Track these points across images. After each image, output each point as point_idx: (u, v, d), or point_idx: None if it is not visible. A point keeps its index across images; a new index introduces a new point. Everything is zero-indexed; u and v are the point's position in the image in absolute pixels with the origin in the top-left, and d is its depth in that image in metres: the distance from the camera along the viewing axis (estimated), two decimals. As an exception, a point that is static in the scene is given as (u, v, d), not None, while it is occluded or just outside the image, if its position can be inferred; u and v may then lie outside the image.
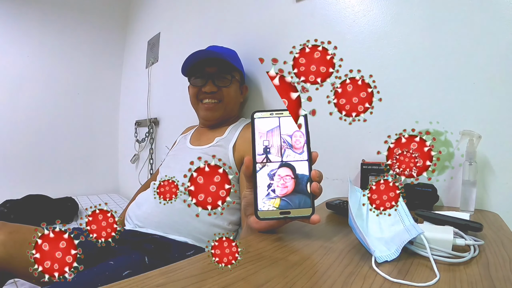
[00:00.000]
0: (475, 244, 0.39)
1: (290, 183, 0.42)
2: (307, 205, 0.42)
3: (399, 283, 0.30)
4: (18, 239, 0.70)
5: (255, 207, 0.42)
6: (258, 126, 0.44)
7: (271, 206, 0.42)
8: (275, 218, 0.42)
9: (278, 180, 0.42)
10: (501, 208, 0.65)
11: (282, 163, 0.42)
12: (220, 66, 0.97)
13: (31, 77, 1.94)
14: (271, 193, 0.42)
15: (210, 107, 0.97)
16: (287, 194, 0.42)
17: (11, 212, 1.31)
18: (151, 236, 0.78)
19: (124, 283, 0.29)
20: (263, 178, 0.42)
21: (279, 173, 0.42)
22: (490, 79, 0.67)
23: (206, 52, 0.98)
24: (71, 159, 2.10)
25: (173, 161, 0.98)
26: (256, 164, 0.43)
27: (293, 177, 0.42)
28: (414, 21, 0.79)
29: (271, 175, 0.42)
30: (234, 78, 0.99)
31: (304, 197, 0.42)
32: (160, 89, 1.84)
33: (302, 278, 0.32)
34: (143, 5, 2.15)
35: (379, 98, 0.33)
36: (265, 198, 0.42)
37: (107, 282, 0.29)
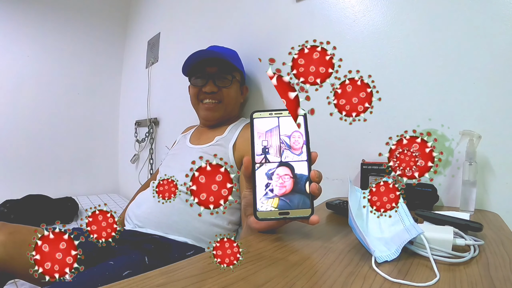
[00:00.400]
0: (475, 244, 0.39)
1: (288, 182, 0.42)
2: (306, 206, 0.41)
3: (399, 283, 0.30)
4: (18, 239, 0.70)
5: (254, 207, 0.42)
6: (257, 126, 0.43)
7: (269, 206, 0.41)
8: (274, 219, 0.42)
9: (277, 179, 0.42)
10: (501, 208, 0.65)
11: (281, 162, 0.42)
12: (220, 66, 0.96)
13: (31, 77, 1.94)
14: (269, 193, 0.41)
15: (211, 108, 0.97)
16: (285, 193, 0.41)
17: (11, 212, 1.31)
18: (151, 236, 0.78)
19: (124, 283, 0.29)
20: (261, 178, 0.42)
21: (277, 172, 0.42)
22: (490, 79, 0.67)
23: (207, 52, 0.98)
24: (71, 159, 2.10)
25: (173, 160, 0.98)
26: (255, 164, 0.42)
27: (292, 176, 0.42)
28: (414, 21, 0.79)
29: (270, 175, 0.42)
30: (234, 78, 0.99)
31: (303, 197, 0.41)
32: (160, 89, 1.84)
33: (302, 278, 0.32)
34: (143, 5, 2.15)
35: (378, 98, 0.33)
36: (263, 197, 0.41)
37: (107, 282, 0.29)
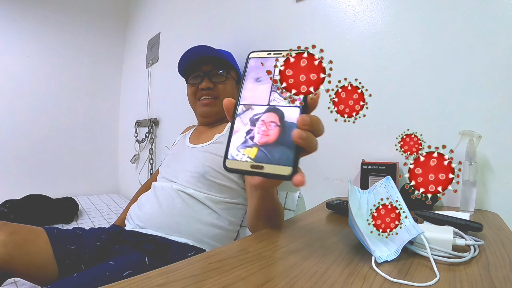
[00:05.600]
0: (475, 244, 0.39)
1: (273, 131, 0.33)
2: (288, 162, 0.32)
3: (399, 283, 0.30)
4: (19, 239, 0.70)
5: (225, 154, 0.34)
6: (254, 64, 0.38)
7: (245, 156, 0.33)
8: (243, 171, 0.33)
9: (260, 126, 0.34)
10: (501, 208, 0.65)
11: (269, 107, 0.35)
12: (215, 63, 0.99)
13: (31, 77, 1.94)
14: (249, 141, 0.34)
15: (207, 103, 0.99)
16: (266, 143, 0.33)
17: (11, 212, 1.31)
18: (152, 236, 0.78)
19: (124, 283, 0.29)
20: (244, 123, 0.35)
21: (263, 118, 0.34)
22: (490, 79, 0.67)
23: (200, 49, 0.98)
24: (71, 159, 2.10)
25: (173, 161, 0.98)
26: (238, 106, 0.36)
27: (279, 124, 0.34)
28: (414, 21, 0.79)
29: (254, 120, 0.35)
30: (229, 74, 1.01)
31: (288, 152, 0.32)
32: (160, 89, 1.84)
33: (302, 278, 0.32)
34: (143, 5, 2.16)
35: (369, 94, 0.37)
36: (241, 145, 0.34)
37: (107, 282, 0.29)
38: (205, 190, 0.83)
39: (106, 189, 2.23)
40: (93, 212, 1.57)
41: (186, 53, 0.98)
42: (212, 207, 0.82)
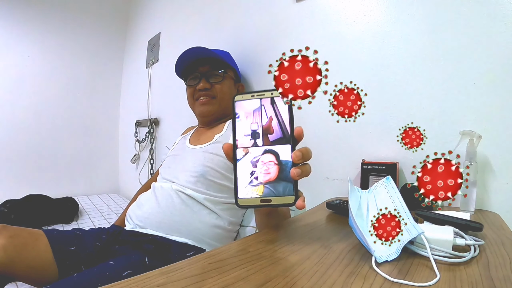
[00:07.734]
0: (475, 244, 0.39)
1: (273, 169, 0.40)
2: (290, 193, 0.40)
3: (399, 283, 0.30)
4: (19, 243, 0.70)
5: (235, 194, 0.41)
6: (240, 108, 0.43)
7: (254, 193, 0.40)
8: (255, 206, 0.41)
9: (261, 166, 0.41)
10: (501, 208, 0.65)
11: (266, 149, 0.41)
12: (212, 64, 1.00)
13: (31, 77, 1.94)
14: (254, 180, 0.41)
15: (205, 102, 0.99)
16: (270, 181, 0.40)
17: (11, 212, 1.31)
18: (152, 236, 0.78)
19: (124, 283, 0.29)
20: (246, 165, 0.41)
21: (262, 159, 0.41)
22: (490, 79, 0.67)
23: (196, 51, 0.98)
24: (71, 159, 2.10)
25: (173, 162, 0.98)
26: (236, 150, 0.42)
27: (277, 163, 0.41)
28: (415, 21, 0.79)
29: (254, 162, 0.41)
30: (226, 74, 1.02)
31: (289, 185, 0.40)
32: (160, 89, 1.84)
33: (302, 278, 0.32)
34: (143, 5, 2.15)
35: (364, 94, 0.39)
36: (249, 185, 0.41)
37: (107, 282, 0.29)
38: (205, 190, 0.83)
39: (106, 189, 2.23)
40: (94, 212, 1.57)
41: (182, 55, 0.99)
42: (211, 208, 0.82)
